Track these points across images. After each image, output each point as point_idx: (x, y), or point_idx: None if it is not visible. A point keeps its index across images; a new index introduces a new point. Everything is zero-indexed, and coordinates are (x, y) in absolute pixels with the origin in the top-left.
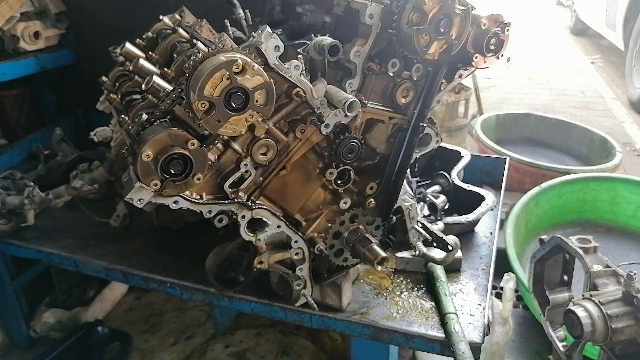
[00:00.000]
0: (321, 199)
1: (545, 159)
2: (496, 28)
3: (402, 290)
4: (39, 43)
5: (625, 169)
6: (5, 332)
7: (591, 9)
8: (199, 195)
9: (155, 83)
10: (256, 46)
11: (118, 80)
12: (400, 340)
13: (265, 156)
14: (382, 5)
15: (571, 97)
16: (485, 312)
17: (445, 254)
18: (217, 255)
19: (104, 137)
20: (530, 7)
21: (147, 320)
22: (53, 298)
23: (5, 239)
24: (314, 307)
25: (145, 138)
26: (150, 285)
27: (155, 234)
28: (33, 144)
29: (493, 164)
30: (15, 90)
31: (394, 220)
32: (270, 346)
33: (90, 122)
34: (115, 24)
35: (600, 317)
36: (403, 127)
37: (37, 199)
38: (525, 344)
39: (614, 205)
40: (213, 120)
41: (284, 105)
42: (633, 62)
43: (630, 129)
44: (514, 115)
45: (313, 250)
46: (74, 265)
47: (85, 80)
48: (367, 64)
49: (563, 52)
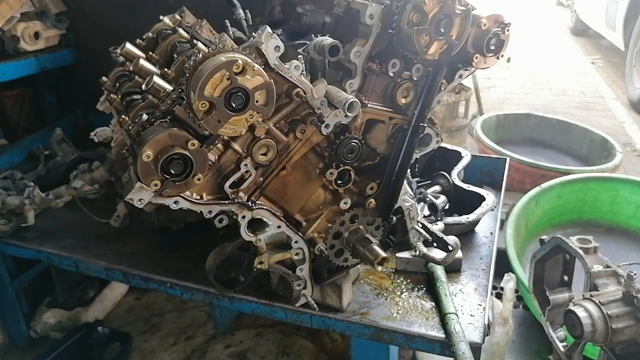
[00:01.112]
0: (321, 199)
1: (545, 159)
2: (496, 28)
3: (402, 290)
4: (39, 43)
5: (625, 169)
6: (5, 332)
7: (591, 9)
8: (199, 195)
9: (155, 83)
10: (256, 46)
11: (118, 80)
12: (400, 340)
13: (265, 156)
14: (382, 5)
15: (571, 97)
16: (485, 312)
17: (445, 254)
18: (217, 255)
19: (104, 137)
20: (530, 7)
21: (147, 320)
22: (53, 298)
23: (5, 239)
24: (314, 307)
25: (145, 138)
26: (150, 285)
27: (155, 234)
28: (33, 144)
29: (493, 164)
30: (15, 90)
31: (394, 220)
32: (270, 346)
33: (90, 122)
34: (115, 24)
35: (600, 317)
36: (403, 127)
37: (37, 199)
38: (525, 344)
39: (614, 205)
40: (213, 120)
41: (284, 105)
42: (633, 62)
43: (630, 129)
44: (514, 115)
45: (313, 250)
46: (74, 265)
47: (85, 80)
48: (367, 64)
49: (563, 52)
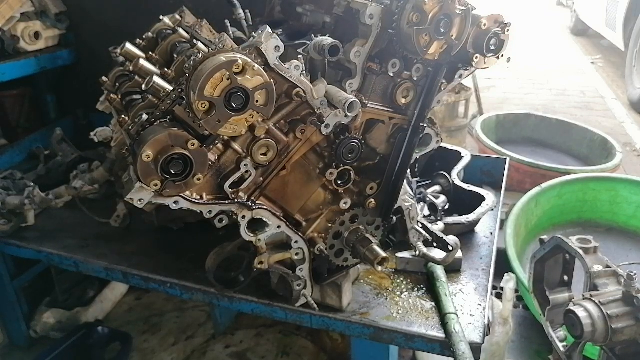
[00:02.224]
0: (321, 199)
1: (545, 159)
2: (496, 28)
3: (402, 290)
4: (39, 43)
5: (625, 169)
6: (5, 332)
7: (591, 9)
8: (199, 195)
9: (155, 83)
10: (256, 46)
11: (118, 80)
12: (400, 340)
13: (265, 156)
14: (382, 5)
15: (571, 97)
16: (485, 312)
17: (445, 254)
18: (217, 255)
19: (104, 137)
20: (530, 7)
21: (147, 320)
22: (53, 298)
23: (5, 239)
24: (314, 307)
25: (145, 138)
26: (150, 285)
27: (155, 234)
28: (33, 144)
29: (493, 164)
30: (15, 90)
31: (394, 220)
32: (270, 346)
33: (90, 122)
34: (115, 24)
35: (600, 317)
36: (403, 127)
37: (37, 199)
38: (525, 344)
39: (614, 205)
40: (213, 120)
41: (284, 105)
42: (633, 62)
43: (630, 129)
44: (514, 115)
45: (313, 250)
46: (74, 265)
47: (85, 80)
48: (367, 64)
49: (563, 52)
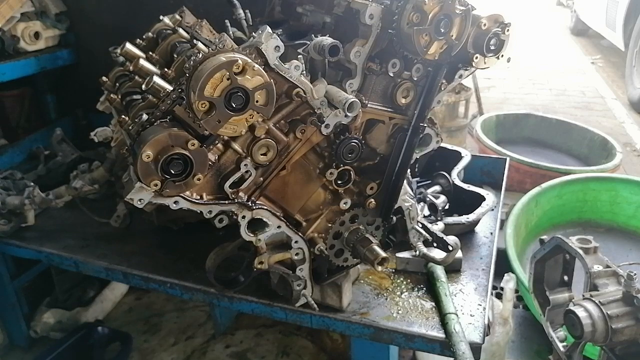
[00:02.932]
0: (321, 199)
1: (545, 159)
2: (496, 28)
3: (402, 290)
4: (39, 43)
5: (625, 169)
6: (5, 332)
7: (591, 9)
8: (199, 195)
9: (155, 83)
10: (256, 46)
11: (118, 80)
12: (400, 340)
13: (265, 156)
14: (382, 5)
15: (571, 97)
16: (485, 312)
17: (445, 254)
18: (217, 255)
19: (104, 137)
20: (530, 7)
21: (147, 320)
22: (53, 298)
23: (5, 239)
24: (314, 307)
25: (145, 138)
26: (150, 285)
27: (155, 234)
28: (33, 144)
29: (493, 164)
30: (15, 90)
31: (394, 220)
32: (270, 346)
33: (90, 122)
34: (115, 24)
35: (600, 317)
36: (403, 127)
37: (37, 199)
38: (525, 344)
39: (614, 205)
40: (213, 120)
41: (284, 105)
42: (633, 62)
43: (630, 129)
44: (514, 115)
45: (313, 250)
46: (74, 265)
47: (85, 80)
48: (367, 64)
49: (563, 52)
